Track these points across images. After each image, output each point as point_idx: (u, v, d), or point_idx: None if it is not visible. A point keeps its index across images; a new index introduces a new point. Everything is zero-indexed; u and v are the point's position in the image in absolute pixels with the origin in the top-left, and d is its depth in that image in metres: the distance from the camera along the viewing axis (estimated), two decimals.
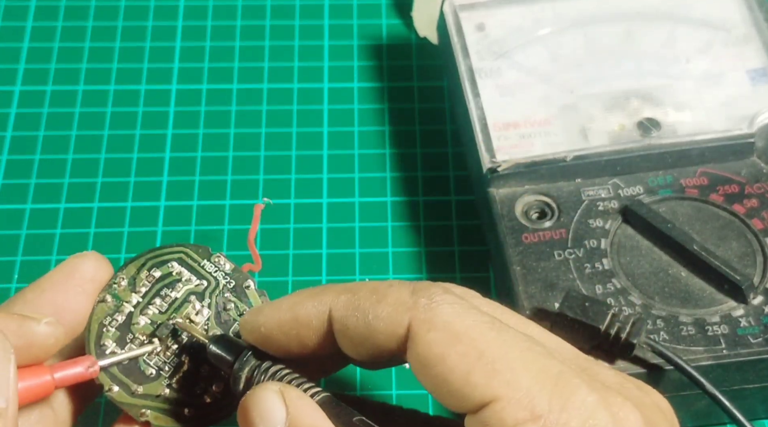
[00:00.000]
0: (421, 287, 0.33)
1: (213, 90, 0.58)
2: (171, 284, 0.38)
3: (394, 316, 0.32)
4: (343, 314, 0.33)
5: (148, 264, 0.38)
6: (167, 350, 0.37)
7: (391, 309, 0.32)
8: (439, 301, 0.32)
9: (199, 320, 0.37)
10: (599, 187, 0.48)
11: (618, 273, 0.45)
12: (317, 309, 0.34)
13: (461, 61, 0.52)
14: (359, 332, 0.33)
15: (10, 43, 0.60)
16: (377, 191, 0.54)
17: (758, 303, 0.44)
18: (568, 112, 0.50)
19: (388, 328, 0.32)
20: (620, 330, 0.41)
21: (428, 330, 0.32)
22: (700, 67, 0.51)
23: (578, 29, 0.53)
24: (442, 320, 0.32)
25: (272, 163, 0.55)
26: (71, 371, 0.35)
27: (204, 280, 0.38)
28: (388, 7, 0.62)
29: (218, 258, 0.39)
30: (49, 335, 0.35)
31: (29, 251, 0.52)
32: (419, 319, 0.32)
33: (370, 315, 0.33)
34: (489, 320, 0.32)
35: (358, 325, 0.33)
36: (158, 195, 0.54)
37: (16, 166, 0.55)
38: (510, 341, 0.32)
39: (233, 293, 0.38)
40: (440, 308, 0.32)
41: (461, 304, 0.32)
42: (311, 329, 0.34)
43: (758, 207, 0.46)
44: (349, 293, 0.33)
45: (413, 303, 0.32)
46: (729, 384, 0.42)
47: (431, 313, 0.32)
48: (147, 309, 0.37)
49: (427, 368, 0.31)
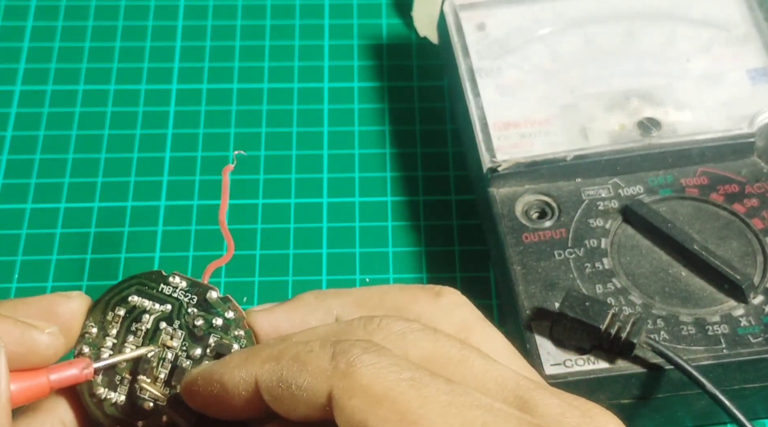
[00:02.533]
0: (340, 351, 0.32)
1: (213, 90, 0.58)
2: (138, 317, 0.38)
3: (315, 385, 0.32)
4: (269, 385, 0.33)
5: (110, 304, 0.38)
6: (156, 381, 0.37)
7: (311, 378, 0.32)
8: (357, 364, 0.31)
9: (175, 343, 0.37)
10: (599, 186, 0.48)
11: (618, 273, 0.45)
12: (244, 380, 0.33)
13: (461, 61, 0.52)
14: (286, 403, 0.32)
15: (10, 42, 0.60)
16: (377, 191, 0.54)
17: (758, 303, 0.43)
18: (569, 112, 0.50)
19: (311, 397, 0.32)
20: (620, 330, 0.41)
21: (349, 397, 0.31)
22: (701, 67, 0.51)
23: (578, 29, 0.53)
24: (361, 384, 0.31)
25: (272, 163, 0.55)
26: (66, 373, 0.36)
27: (166, 304, 0.38)
28: (388, 6, 0.62)
29: (173, 278, 0.38)
30: (50, 346, 0.35)
31: (29, 251, 0.52)
32: (339, 387, 0.31)
33: (293, 385, 0.32)
34: (409, 377, 0.31)
35: (284, 395, 0.32)
36: (158, 195, 0.54)
37: (16, 166, 0.55)
38: (431, 396, 0.31)
39: (198, 308, 0.38)
40: (358, 371, 0.31)
41: (381, 363, 0.31)
42: (242, 398, 0.33)
43: (758, 207, 0.46)
44: (273, 361, 0.33)
45: (333, 370, 0.32)
46: (729, 384, 0.42)
47: (350, 379, 0.31)
48: (124, 348, 0.37)
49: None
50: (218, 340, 0.37)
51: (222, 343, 0.37)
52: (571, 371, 0.42)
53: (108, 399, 0.37)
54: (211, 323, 0.38)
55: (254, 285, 0.51)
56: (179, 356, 0.37)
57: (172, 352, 0.37)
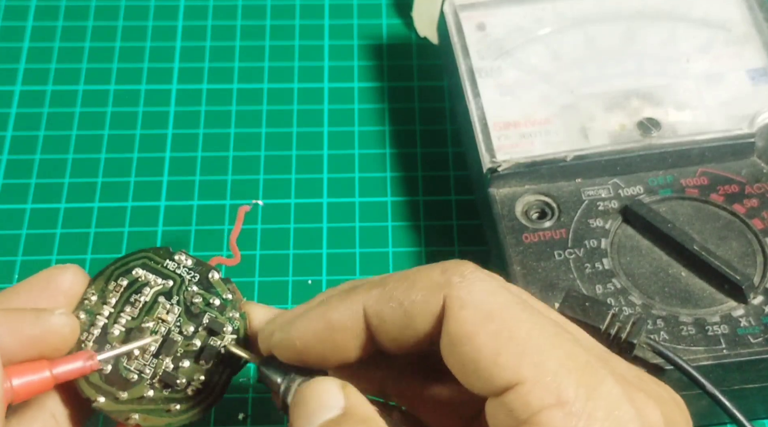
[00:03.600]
0: (451, 266, 0.32)
1: (213, 90, 0.58)
2: (139, 290, 0.39)
3: (428, 297, 0.32)
4: (378, 308, 0.33)
5: (114, 275, 0.39)
6: (144, 353, 0.38)
7: (425, 292, 0.32)
8: (471, 278, 0.32)
9: (170, 318, 0.38)
10: (599, 187, 0.48)
11: (618, 273, 0.45)
12: (351, 310, 0.33)
13: (461, 61, 0.52)
14: (397, 322, 0.32)
15: (11, 42, 0.60)
16: (377, 191, 0.54)
17: (758, 303, 0.43)
18: (569, 112, 0.50)
19: (425, 310, 0.32)
20: (620, 330, 0.41)
21: (461, 308, 0.31)
22: (701, 67, 0.51)
23: (578, 29, 0.53)
24: (475, 297, 0.31)
25: (272, 163, 0.55)
26: (70, 365, 0.36)
27: (169, 279, 0.39)
28: (388, 7, 0.62)
29: (180, 256, 0.39)
30: (65, 324, 0.36)
31: (29, 251, 0.52)
32: (452, 296, 0.31)
33: (406, 302, 0.32)
34: (521, 301, 0.32)
35: (395, 314, 0.32)
36: (158, 195, 0.54)
37: (16, 166, 0.55)
38: (540, 324, 0.31)
39: (199, 286, 0.39)
40: (473, 285, 0.32)
41: (493, 282, 0.32)
42: (347, 331, 0.33)
43: (758, 207, 0.46)
44: (379, 286, 0.33)
45: (445, 281, 0.32)
46: (729, 384, 0.42)
47: (464, 290, 0.31)
48: (120, 318, 0.38)
49: (457, 346, 0.31)
50: (212, 318, 0.38)
51: (216, 321, 0.38)
52: None
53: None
54: (208, 302, 0.38)
55: (254, 285, 0.51)
56: (172, 330, 0.38)
57: (165, 326, 0.38)
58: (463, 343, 0.31)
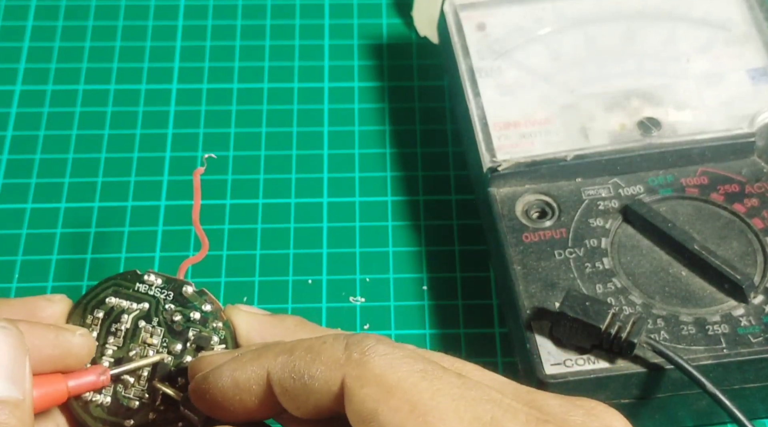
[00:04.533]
0: (354, 341, 0.32)
1: (213, 89, 0.58)
2: (117, 318, 0.38)
3: (328, 374, 0.32)
4: (281, 377, 0.33)
5: (89, 308, 0.38)
6: (139, 379, 0.37)
7: (324, 368, 0.32)
8: (371, 354, 0.32)
9: (155, 340, 0.38)
10: (600, 186, 0.48)
11: (618, 272, 0.45)
12: (256, 374, 0.33)
13: (462, 61, 0.52)
14: (297, 394, 0.33)
15: (11, 42, 0.60)
16: (377, 191, 0.54)
17: (759, 302, 0.43)
18: (569, 112, 0.50)
19: (323, 387, 0.32)
20: (621, 329, 0.41)
21: (361, 386, 0.31)
22: (701, 67, 0.51)
23: (579, 28, 0.53)
24: (374, 373, 0.31)
25: (272, 162, 0.55)
26: (84, 379, 0.36)
27: (143, 302, 0.38)
28: (388, 6, 0.62)
29: (149, 276, 0.39)
30: (83, 346, 0.36)
31: (29, 251, 0.52)
32: (352, 375, 0.31)
33: (306, 376, 0.32)
34: (421, 369, 0.32)
35: (296, 386, 0.32)
36: (158, 195, 0.54)
37: (16, 166, 0.55)
38: (442, 389, 0.31)
39: (175, 303, 0.38)
40: (372, 361, 0.32)
41: (394, 354, 0.32)
42: (252, 393, 0.33)
43: (759, 206, 0.46)
44: (286, 354, 0.33)
45: (346, 358, 0.32)
46: (729, 383, 0.42)
47: (363, 367, 0.31)
48: (105, 349, 0.38)
49: (363, 424, 0.31)
50: (197, 333, 0.38)
51: (201, 335, 0.38)
52: (571, 371, 0.42)
53: (93, 401, 0.37)
54: (188, 317, 0.38)
55: (254, 285, 0.51)
56: (160, 352, 0.38)
57: (153, 349, 0.38)
58: (368, 421, 0.31)
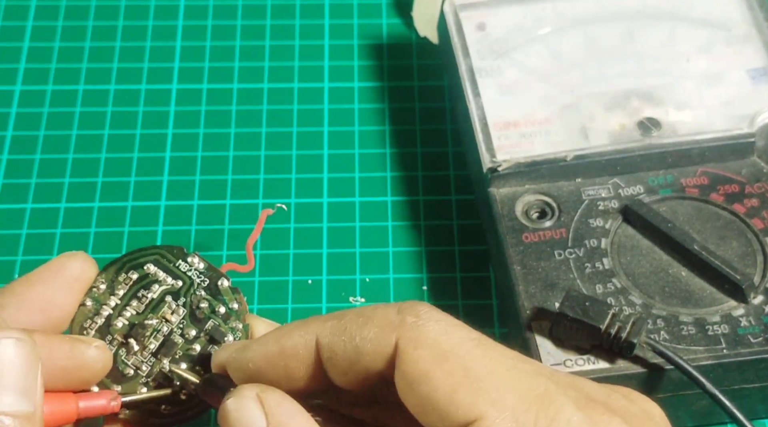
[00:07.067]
0: (407, 306, 0.33)
1: (213, 90, 0.58)
2: (147, 285, 0.39)
3: (381, 336, 0.32)
4: (330, 340, 0.33)
5: (125, 267, 0.39)
6: (144, 349, 0.38)
7: (377, 330, 0.32)
8: (426, 318, 0.32)
9: (174, 319, 0.38)
10: (599, 186, 0.48)
11: (618, 273, 0.45)
12: (304, 338, 0.33)
13: (462, 61, 0.52)
14: (347, 356, 0.33)
15: (11, 42, 0.60)
16: (377, 191, 0.54)
17: (759, 303, 0.43)
18: (569, 112, 0.50)
19: (376, 348, 0.32)
20: (620, 330, 0.41)
21: (415, 348, 0.31)
22: (701, 67, 0.51)
23: (579, 28, 0.53)
24: (429, 337, 0.31)
25: (272, 162, 0.55)
26: (95, 402, 0.36)
27: (179, 279, 0.39)
28: (388, 6, 0.62)
29: (193, 258, 0.39)
30: (98, 359, 0.36)
31: (29, 251, 0.52)
32: (406, 337, 0.32)
33: (357, 338, 0.32)
34: (476, 338, 0.32)
35: (346, 349, 0.33)
36: (158, 195, 0.54)
37: (16, 166, 0.55)
38: (496, 358, 0.31)
39: (207, 291, 0.39)
40: (427, 325, 0.32)
41: (448, 321, 0.32)
42: (299, 359, 0.33)
43: (758, 207, 0.46)
44: (335, 319, 0.33)
45: (400, 322, 0.32)
46: (729, 384, 0.42)
47: (418, 331, 0.32)
48: (125, 311, 0.38)
49: (413, 386, 0.31)
50: (215, 326, 0.38)
51: (218, 329, 0.38)
52: (571, 371, 0.42)
53: None
54: (214, 309, 0.38)
55: (254, 285, 0.51)
56: (174, 331, 0.38)
57: (168, 326, 0.38)
58: (419, 382, 0.31)
